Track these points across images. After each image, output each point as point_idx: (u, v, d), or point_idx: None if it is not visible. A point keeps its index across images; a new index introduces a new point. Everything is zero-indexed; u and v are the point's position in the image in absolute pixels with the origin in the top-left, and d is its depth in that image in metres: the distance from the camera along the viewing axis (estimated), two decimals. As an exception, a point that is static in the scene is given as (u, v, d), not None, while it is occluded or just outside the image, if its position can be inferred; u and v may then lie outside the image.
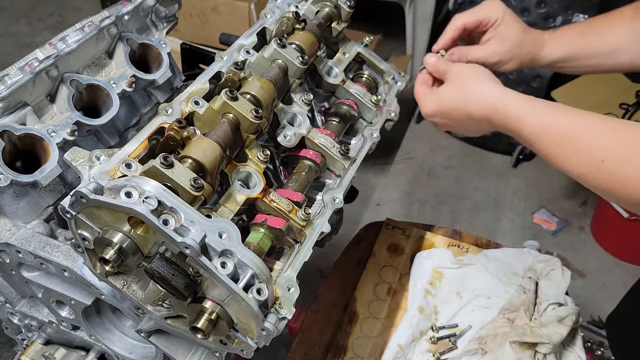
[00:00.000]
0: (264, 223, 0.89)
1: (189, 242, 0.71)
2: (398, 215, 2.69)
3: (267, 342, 0.80)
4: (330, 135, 1.07)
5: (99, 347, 1.10)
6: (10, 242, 0.94)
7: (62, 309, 1.05)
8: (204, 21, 3.34)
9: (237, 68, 0.98)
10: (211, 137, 0.85)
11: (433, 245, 1.69)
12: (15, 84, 0.96)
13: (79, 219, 0.77)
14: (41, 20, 4.36)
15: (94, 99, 1.10)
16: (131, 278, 0.85)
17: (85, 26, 1.10)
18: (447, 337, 1.44)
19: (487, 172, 3.36)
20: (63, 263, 0.90)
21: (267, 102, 0.95)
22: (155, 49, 1.18)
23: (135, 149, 0.84)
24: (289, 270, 0.87)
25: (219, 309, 0.77)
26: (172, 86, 1.27)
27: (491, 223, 3.04)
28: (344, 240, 1.73)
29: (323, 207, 0.99)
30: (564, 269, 1.53)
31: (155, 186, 0.74)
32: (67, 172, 1.03)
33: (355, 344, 1.45)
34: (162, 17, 1.24)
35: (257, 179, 0.92)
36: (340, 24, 1.22)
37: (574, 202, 3.17)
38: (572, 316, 1.39)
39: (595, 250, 2.90)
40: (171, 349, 0.98)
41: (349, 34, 1.25)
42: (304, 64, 1.04)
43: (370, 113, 1.18)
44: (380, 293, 1.57)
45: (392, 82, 1.27)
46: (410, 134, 3.59)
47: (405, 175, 3.34)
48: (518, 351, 1.32)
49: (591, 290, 2.71)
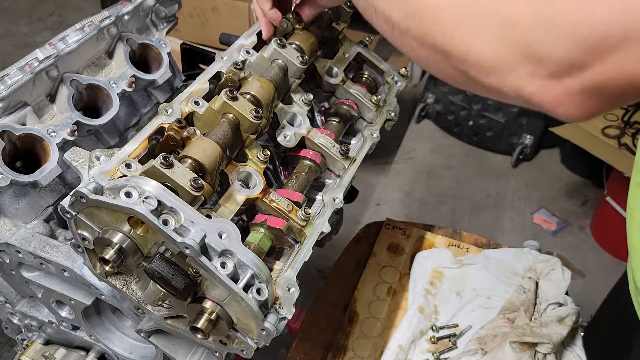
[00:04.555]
0: (264, 223, 0.89)
1: (188, 242, 0.71)
2: (398, 215, 2.69)
3: (267, 342, 0.80)
4: (330, 135, 1.07)
5: (99, 347, 1.10)
6: (10, 242, 0.94)
7: (62, 309, 1.05)
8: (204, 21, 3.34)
9: (237, 68, 0.98)
10: (211, 137, 0.85)
11: (433, 245, 1.69)
12: (15, 84, 0.96)
13: (79, 219, 0.77)
14: (41, 20, 4.35)
15: (94, 99, 1.10)
16: (131, 278, 0.85)
17: (85, 26, 1.10)
18: (447, 337, 1.44)
19: (487, 172, 3.36)
20: (63, 263, 0.90)
21: (267, 102, 0.95)
22: (155, 49, 1.18)
23: (135, 149, 0.84)
24: (289, 270, 0.87)
25: (219, 309, 0.77)
26: (172, 86, 1.27)
27: (491, 223, 3.04)
28: (344, 240, 1.73)
29: (323, 207, 0.99)
30: (564, 269, 1.53)
31: (155, 186, 0.74)
32: (67, 172, 1.03)
33: (355, 344, 1.45)
34: (162, 17, 1.24)
35: (257, 179, 0.92)
36: (340, 24, 1.23)
37: (574, 202, 3.17)
38: (572, 316, 1.39)
39: (595, 250, 2.90)
40: (171, 349, 0.98)
41: (349, 34, 1.25)
42: (304, 64, 1.04)
43: (370, 113, 1.18)
44: (380, 293, 1.56)
45: (392, 82, 1.27)
46: (410, 134, 3.59)
47: (405, 175, 3.34)
48: (518, 351, 1.32)
49: (591, 290, 2.71)
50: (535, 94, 0.62)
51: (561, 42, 0.58)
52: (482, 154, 3.46)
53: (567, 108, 0.62)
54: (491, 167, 3.39)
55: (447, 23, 0.68)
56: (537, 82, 0.61)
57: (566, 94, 0.60)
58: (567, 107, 0.62)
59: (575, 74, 0.59)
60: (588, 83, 0.59)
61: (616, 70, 0.56)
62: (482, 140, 3.43)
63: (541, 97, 0.62)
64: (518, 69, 0.62)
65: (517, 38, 0.61)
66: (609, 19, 0.54)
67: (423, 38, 0.72)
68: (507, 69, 0.63)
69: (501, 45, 0.63)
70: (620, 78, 0.57)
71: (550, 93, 0.61)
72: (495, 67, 0.64)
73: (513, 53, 0.62)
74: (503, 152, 3.41)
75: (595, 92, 0.60)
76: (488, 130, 3.36)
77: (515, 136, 3.33)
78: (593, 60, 0.57)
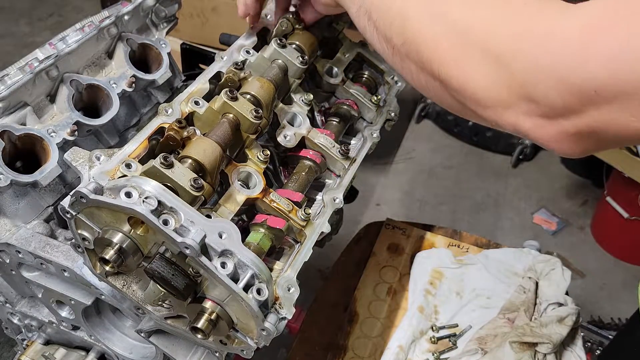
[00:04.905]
0: (264, 223, 0.89)
1: (189, 242, 0.71)
2: (398, 215, 2.68)
3: (267, 342, 0.80)
4: (330, 135, 1.07)
5: (99, 347, 1.10)
6: (10, 242, 0.94)
7: (62, 309, 1.05)
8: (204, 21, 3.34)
9: (237, 68, 0.98)
10: (211, 137, 0.85)
11: (433, 245, 1.69)
12: (15, 84, 0.96)
13: (79, 219, 0.77)
14: (41, 20, 4.35)
15: (94, 99, 1.10)
16: (131, 278, 0.85)
17: (85, 26, 1.10)
18: (447, 337, 1.44)
19: (487, 172, 3.36)
20: (63, 263, 0.90)
21: (267, 102, 0.95)
22: (155, 49, 1.18)
23: (135, 149, 0.84)
24: (289, 270, 0.87)
25: (219, 309, 0.77)
26: (172, 86, 1.27)
27: (491, 223, 3.04)
28: (344, 240, 1.73)
29: (323, 207, 0.99)
30: (564, 269, 1.53)
31: (155, 186, 0.74)
32: (67, 172, 1.03)
33: (355, 344, 1.45)
34: (162, 17, 1.24)
35: (257, 179, 0.92)
36: (340, 24, 1.22)
37: (574, 202, 3.17)
38: (572, 316, 1.39)
39: (595, 250, 2.90)
40: (171, 349, 0.98)
41: (349, 34, 1.25)
42: (304, 64, 1.04)
43: (370, 113, 1.18)
44: (380, 293, 1.56)
45: (392, 82, 1.27)
46: (410, 134, 3.59)
47: (405, 175, 3.34)
48: (518, 351, 1.32)
49: (591, 290, 2.72)
50: (531, 130, 0.63)
51: (555, 89, 0.58)
52: (482, 154, 3.46)
53: (562, 146, 0.63)
54: (491, 167, 3.39)
55: (445, 54, 0.68)
56: (533, 120, 0.62)
57: (561, 133, 0.61)
58: (561, 145, 0.63)
59: (569, 117, 0.59)
60: (582, 126, 0.59)
61: (610, 119, 0.56)
62: (482, 140, 3.43)
63: (537, 134, 0.63)
64: (514, 107, 0.63)
65: (513, 79, 0.61)
66: (603, 72, 0.54)
67: (422, 64, 0.72)
68: (503, 105, 0.64)
69: (497, 83, 0.63)
70: (614, 125, 0.57)
71: (546, 132, 0.62)
72: (492, 103, 0.65)
73: (509, 92, 0.62)
74: (503, 152, 3.41)
75: (589, 134, 0.60)
76: (488, 130, 3.36)
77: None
78: (587, 108, 0.57)
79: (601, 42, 0.54)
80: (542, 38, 0.59)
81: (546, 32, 0.59)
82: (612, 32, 0.54)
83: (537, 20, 0.61)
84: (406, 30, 0.73)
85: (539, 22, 0.61)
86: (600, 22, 0.55)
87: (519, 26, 0.62)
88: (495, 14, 0.65)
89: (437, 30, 0.69)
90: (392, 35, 0.76)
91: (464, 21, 0.67)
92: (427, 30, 0.70)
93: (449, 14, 0.69)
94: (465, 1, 0.69)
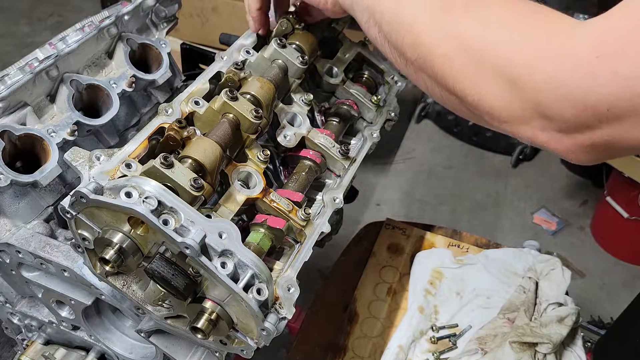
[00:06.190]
0: (264, 223, 0.89)
1: (189, 242, 0.71)
2: (398, 215, 2.69)
3: (267, 342, 0.80)
4: (330, 135, 1.07)
5: (99, 347, 1.10)
6: (10, 242, 0.94)
7: (62, 309, 1.05)
8: (204, 21, 3.34)
9: (237, 68, 0.98)
10: (211, 137, 0.85)
11: (433, 245, 1.69)
12: (15, 84, 0.96)
13: (79, 219, 0.77)
14: (41, 20, 4.35)
15: (94, 99, 1.10)
16: (131, 278, 0.85)
17: (85, 26, 1.10)
18: (447, 337, 1.44)
19: (487, 172, 3.36)
20: (63, 263, 0.90)
21: (267, 102, 0.95)
22: (155, 49, 1.18)
23: (135, 149, 0.84)
24: (289, 270, 0.87)
25: (219, 309, 0.77)
26: (172, 86, 1.27)
27: (491, 223, 3.04)
28: (344, 240, 1.73)
29: (323, 207, 0.99)
30: (564, 269, 1.53)
31: (155, 186, 0.74)
32: (67, 172, 1.03)
33: (355, 344, 1.45)
34: (162, 17, 1.24)
35: (257, 179, 0.92)
36: (340, 24, 1.22)
37: (574, 202, 3.17)
38: (572, 316, 1.39)
39: (595, 250, 2.90)
40: (171, 349, 0.98)
41: (349, 34, 1.25)
42: (304, 64, 1.04)
43: (370, 113, 1.18)
44: (380, 293, 1.56)
45: (392, 82, 1.27)
46: (410, 134, 3.59)
47: (405, 175, 3.34)
48: (518, 351, 1.32)
49: (591, 290, 2.71)
50: (547, 143, 0.66)
51: (569, 108, 0.60)
52: (482, 154, 3.46)
53: (578, 156, 0.65)
54: (491, 167, 3.39)
55: (458, 72, 0.70)
56: (549, 134, 0.65)
57: (576, 145, 0.64)
58: (578, 155, 0.65)
59: (584, 132, 0.61)
60: (597, 140, 0.61)
61: (624, 133, 0.59)
62: (482, 140, 3.42)
63: (553, 146, 0.66)
64: (530, 122, 0.65)
65: (528, 96, 0.63)
66: (615, 89, 0.56)
67: (436, 79, 0.73)
68: (519, 121, 0.66)
69: (512, 100, 0.65)
70: (627, 139, 0.59)
71: (562, 144, 0.65)
72: (507, 119, 0.67)
73: (524, 109, 0.64)
74: (503, 152, 3.41)
75: (604, 146, 0.62)
76: (488, 130, 3.35)
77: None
78: (601, 124, 0.59)
79: (612, 62, 0.55)
80: (554, 58, 0.60)
81: (558, 52, 0.61)
82: (623, 52, 0.55)
83: (549, 40, 0.62)
84: (418, 47, 0.74)
85: (551, 42, 0.62)
86: (611, 41, 0.57)
87: (531, 46, 0.63)
88: (507, 34, 0.66)
89: (449, 48, 0.70)
90: (405, 49, 0.77)
91: (477, 40, 0.68)
92: (440, 49, 0.71)
93: (462, 32, 0.70)
94: (478, 19, 0.70)
